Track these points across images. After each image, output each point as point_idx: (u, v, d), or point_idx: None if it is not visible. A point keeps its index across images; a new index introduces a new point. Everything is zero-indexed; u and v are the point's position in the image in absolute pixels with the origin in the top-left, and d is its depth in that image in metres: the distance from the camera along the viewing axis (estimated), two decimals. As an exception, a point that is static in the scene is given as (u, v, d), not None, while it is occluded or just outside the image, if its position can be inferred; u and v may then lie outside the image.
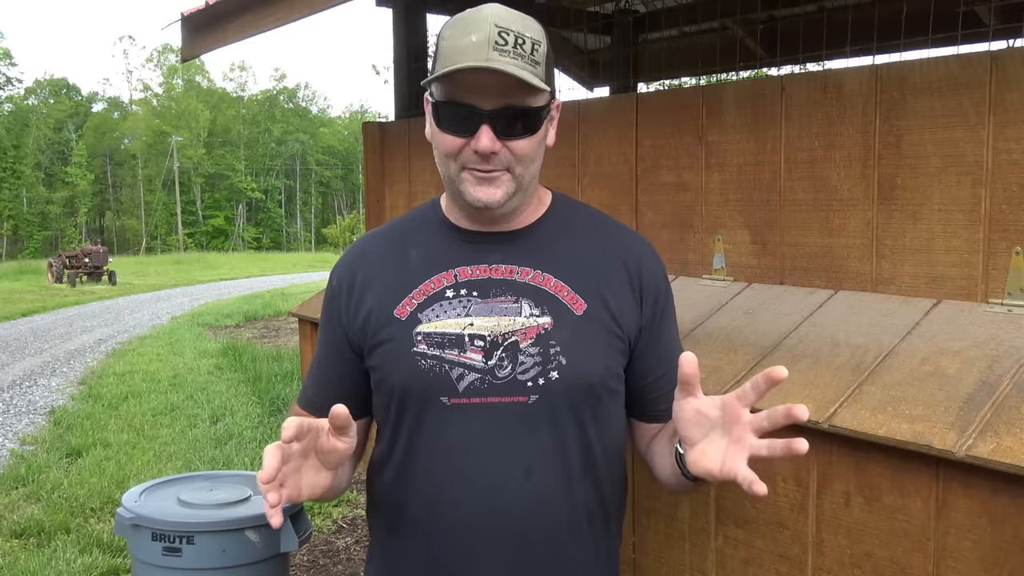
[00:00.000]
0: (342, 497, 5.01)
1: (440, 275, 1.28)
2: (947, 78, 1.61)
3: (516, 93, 1.17)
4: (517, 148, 1.20)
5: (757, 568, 1.65)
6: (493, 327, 1.23)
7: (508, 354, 1.22)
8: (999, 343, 1.46)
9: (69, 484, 5.19)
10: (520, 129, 1.19)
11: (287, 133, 73.87)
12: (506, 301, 1.25)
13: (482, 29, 1.15)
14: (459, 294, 1.26)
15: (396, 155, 3.23)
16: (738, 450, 1.08)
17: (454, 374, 1.22)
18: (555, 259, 1.29)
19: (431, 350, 1.23)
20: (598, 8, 3.89)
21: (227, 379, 8.71)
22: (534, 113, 1.21)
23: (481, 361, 1.22)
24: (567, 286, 1.27)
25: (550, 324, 1.24)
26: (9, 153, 59.38)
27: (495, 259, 1.28)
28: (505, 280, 1.27)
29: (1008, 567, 1.31)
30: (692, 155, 2.07)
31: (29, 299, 17.96)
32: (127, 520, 2.34)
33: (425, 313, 1.25)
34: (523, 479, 1.22)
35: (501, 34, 1.15)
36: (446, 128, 1.20)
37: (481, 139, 1.17)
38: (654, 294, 1.32)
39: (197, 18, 3.13)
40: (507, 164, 1.21)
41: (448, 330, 1.24)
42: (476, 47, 1.14)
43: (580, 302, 1.26)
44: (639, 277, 1.31)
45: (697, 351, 1.61)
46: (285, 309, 14.85)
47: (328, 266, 31.67)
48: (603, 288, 1.28)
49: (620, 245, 1.34)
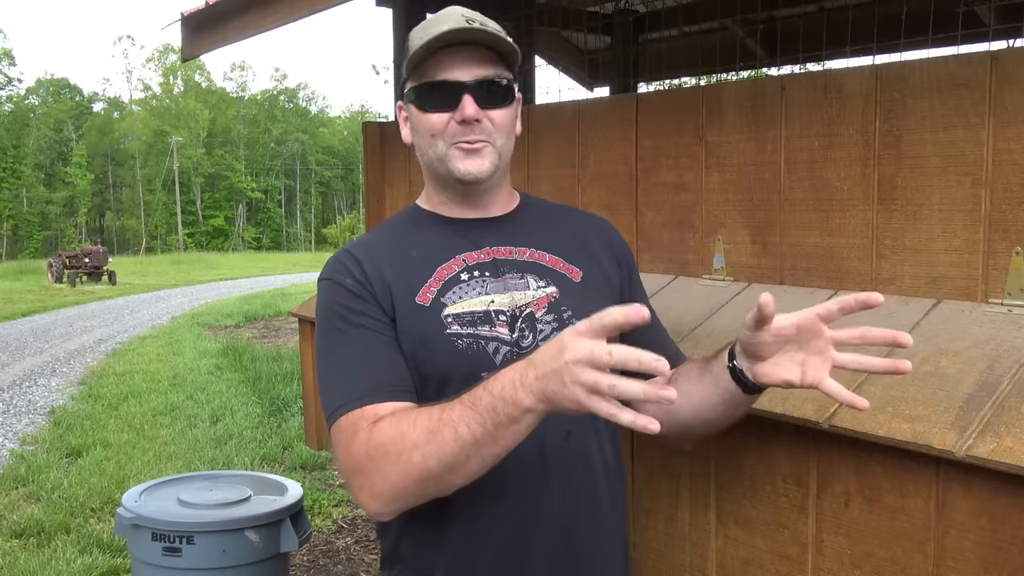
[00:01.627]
0: (342, 497, 5.01)
1: (449, 262, 1.35)
2: (947, 78, 1.61)
3: (491, 66, 1.30)
4: (496, 118, 1.32)
5: (757, 568, 1.66)
6: (509, 302, 1.32)
7: (527, 324, 1.31)
8: (999, 343, 1.46)
9: (69, 484, 5.19)
10: (497, 99, 1.31)
11: (287, 133, 73.84)
12: (514, 278, 1.34)
13: (450, 19, 1.28)
14: (473, 276, 1.33)
15: (396, 155, 3.23)
16: (820, 362, 1.10)
17: (490, 348, 1.28)
18: (543, 238, 1.41)
19: (465, 329, 1.28)
20: (598, 8, 3.89)
21: (227, 379, 8.71)
22: (507, 86, 1.33)
23: (507, 334, 1.29)
24: (560, 259, 1.39)
25: (556, 293, 1.34)
26: (9, 153, 59.35)
27: (492, 241, 1.38)
28: (508, 259, 1.36)
29: (1008, 567, 1.31)
30: (692, 155, 2.07)
31: (29, 299, 17.96)
32: (127, 520, 2.34)
33: (448, 296, 1.31)
34: (563, 441, 1.29)
35: (468, 20, 1.29)
36: (430, 107, 1.31)
37: (466, 107, 1.28)
38: (626, 259, 1.48)
39: (197, 18, 3.13)
40: (489, 134, 1.31)
41: (475, 308, 1.30)
42: (449, 31, 1.26)
43: (575, 271, 1.39)
44: (611, 246, 1.47)
45: (697, 351, 1.62)
46: (285, 309, 14.85)
47: (328, 266, 31.56)
48: (589, 256, 1.42)
49: (590, 223, 1.51)
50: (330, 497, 4.99)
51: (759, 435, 1.62)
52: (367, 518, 4.71)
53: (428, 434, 1.11)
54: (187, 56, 3.31)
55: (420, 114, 1.32)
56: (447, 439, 1.09)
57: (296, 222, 76.64)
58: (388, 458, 1.14)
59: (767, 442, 1.62)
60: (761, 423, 1.59)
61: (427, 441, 1.11)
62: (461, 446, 1.08)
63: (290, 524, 2.42)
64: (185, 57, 3.36)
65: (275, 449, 6.01)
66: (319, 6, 2.51)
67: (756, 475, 1.64)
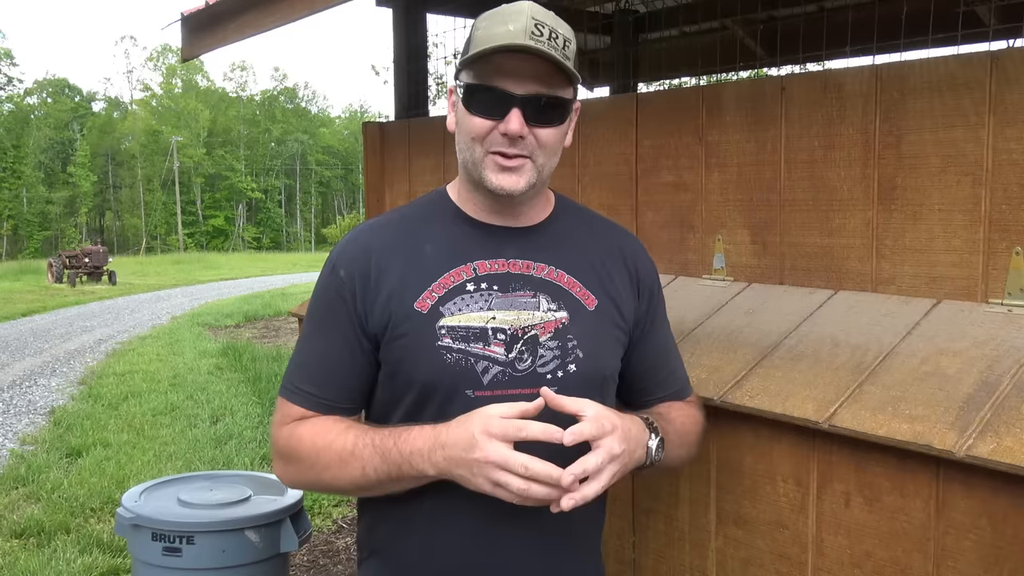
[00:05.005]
0: (342, 497, 5.01)
1: (459, 268, 1.30)
2: (947, 78, 1.61)
3: (547, 81, 1.23)
4: (543, 136, 1.25)
5: (757, 568, 1.66)
6: (513, 321, 1.27)
7: (528, 347, 1.27)
8: (999, 343, 1.46)
9: (69, 484, 5.19)
10: (548, 117, 1.25)
11: (287, 133, 73.83)
12: (525, 296, 1.29)
13: (519, 20, 1.20)
14: (480, 288, 1.29)
15: (396, 155, 3.23)
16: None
17: (479, 367, 1.25)
18: (566, 256, 1.34)
19: (456, 343, 1.25)
20: (598, 8, 3.88)
21: (227, 379, 8.71)
22: (563, 104, 1.26)
23: (503, 354, 1.26)
24: (579, 282, 1.33)
25: (567, 319, 1.30)
26: (9, 153, 59.33)
27: (511, 253, 1.32)
28: (523, 275, 1.31)
29: (1008, 567, 1.31)
30: (692, 155, 2.07)
31: (29, 299, 17.95)
32: (127, 520, 2.34)
33: (447, 307, 1.27)
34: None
35: (537, 26, 1.20)
36: (476, 111, 1.24)
37: (511, 122, 1.21)
38: (649, 290, 1.42)
39: (197, 18, 3.13)
40: (531, 151, 1.25)
41: (472, 324, 1.27)
42: (512, 35, 1.19)
43: (591, 298, 1.33)
44: (636, 273, 1.40)
45: (697, 351, 1.62)
46: (285, 309, 14.85)
47: (328, 266, 31.56)
48: (608, 284, 1.35)
49: (618, 244, 1.43)
50: (330, 497, 4.99)
51: (759, 435, 1.62)
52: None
53: (340, 462, 1.24)
54: (187, 56, 3.31)
55: (465, 113, 1.26)
56: (355, 473, 1.23)
57: (296, 222, 76.64)
58: (302, 464, 1.29)
59: (767, 442, 1.62)
60: (761, 423, 1.59)
61: (338, 466, 1.24)
62: (367, 482, 1.23)
63: (290, 524, 2.41)
64: (185, 57, 3.36)
65: (275, 449, 6.00)
66: (319, 6, 2.51)
67: (756, 475, 1.64)
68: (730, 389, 1.63)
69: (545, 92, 1.23)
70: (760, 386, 1.61)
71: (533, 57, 1.20)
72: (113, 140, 67.54)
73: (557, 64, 1.20)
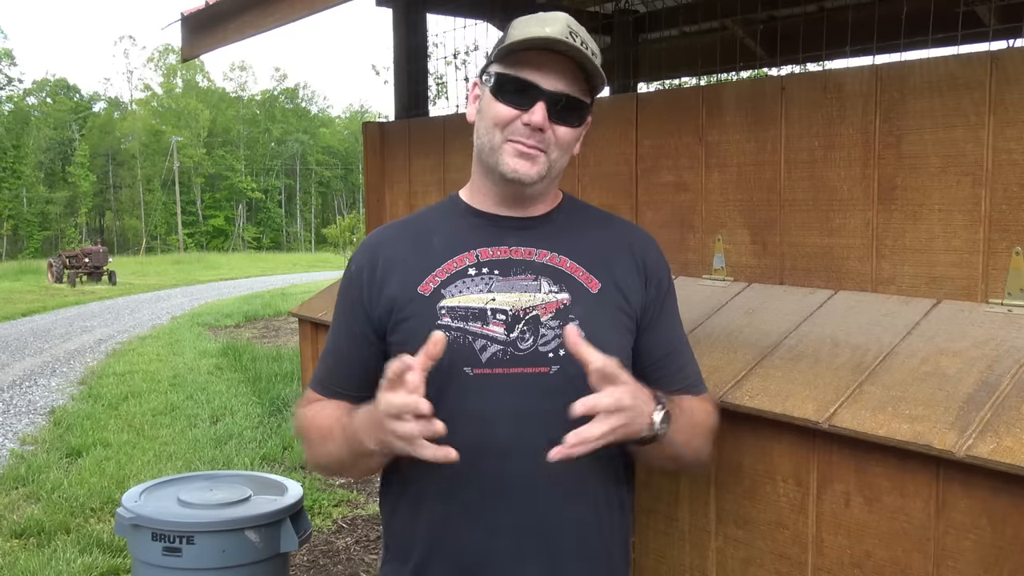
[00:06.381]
0: (342, 497, 5.01)
1: (462, 255, 1.36)
2: (947, 78, 1.61)
3: (573, 84, 1.30)
4: (560, 134, 1.31)
5: (757, 568, 1.66)
6: (514, 302, 1.31)
7: (530, 327, 1.30)
8: (999, 343, 1.46)
9: (69, 484, 5.19)
10: (569, 117, 1.31)
11: (287, 133, 73.83)
12: (526, 279, 1.34)
13: (556, 24, 1.27)
14: (481, 272, 1.34)
15: (396, 155, 3.23)
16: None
17: (477, 345, 1.29)
18: (570, 244, 1.39)
19: (455, 322, 1.30)
20: (598, 8, 3.88)
21: (227, 379, 8.71)
22: (583, 107, 1.33)
23: (503, 334, 1.29)
24: (582, 267, 1.36)
25: (568, 300, 1.33)
26: (9, 153, 59.31)
27: (513, 241, 1.37)
28: (524, 260, 1.36)
29: (1008, 567, 1.31)
30: (692, 155, 2.07)
31: (29, 299, 17.96)
32: (127, 520, 2.34)
33: (448, 289, 1.32)
34: (546, 448, 1.25)
35: (571, 33, 1.27)
36: (503, 98, 1.30)
37: (536, 113, 1.27)
38: (657, 279, 1.43)
39: (197, 18, 3.13)
40: (547, 145, 1.31)
41: (471, 304, 1.31)
42: (549, 35, 1.26)
43: (595, 282, 1.36)
44: (643, 264, 1.42)
45: (697, 351, 1.62)
46: (285, 309, 14.85)
47: (328, 266, 31.68)
48: (613, 270, 1.38)
49: (626, 236, 1.46)
50: (330, 497, 4.99)
51: (759, 435, 1.62)
52: (367, 518, 4.72)
53: (320, 438, 1.37)
54: (187, 56, 3.31)
55: (492, 100, 1.32)
56: (329, 449, 1.34)
57: (296, 222, 76.65)
58: (308, 442, 1.42)
59: (767, 442, 1.62)
60: (761, 423, 1.59)
61: (319, 443, 1.37)
62: (336, 459, 1.35)
63: (290, 524, 2.42)
64: (185, 57, 3.35)
65: (275, 449, 6.02)
66: (319, 6, 2.51)
67: (756, 475, 1.64)
68: (730, 389, 1.63)
69: (571, 92, 1.30)
70: (760, 386, 1.61)
71: (564, 59, 1.27)
72: (113, 140, 67.52)
73: (585, 66, 1.28)
